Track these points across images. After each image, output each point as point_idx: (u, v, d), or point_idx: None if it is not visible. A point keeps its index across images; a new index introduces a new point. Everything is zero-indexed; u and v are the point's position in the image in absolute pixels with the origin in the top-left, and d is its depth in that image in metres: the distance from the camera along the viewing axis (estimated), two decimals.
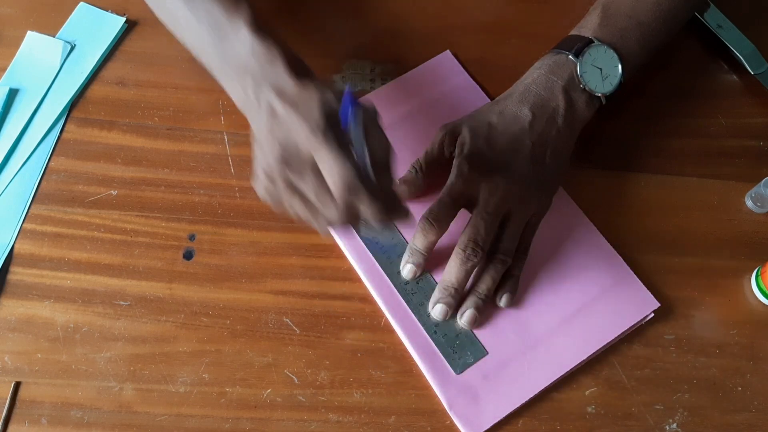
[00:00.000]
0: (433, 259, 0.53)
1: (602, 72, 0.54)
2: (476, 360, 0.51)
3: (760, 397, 0.52)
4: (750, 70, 0.62)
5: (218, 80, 0.49)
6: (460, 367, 0.51)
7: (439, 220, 0.51)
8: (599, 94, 0.54)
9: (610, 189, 0.58)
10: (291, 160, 0.44)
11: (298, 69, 0.46)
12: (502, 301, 0.52)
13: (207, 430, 0.49)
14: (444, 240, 0.52)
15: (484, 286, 0.52)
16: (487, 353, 0.51)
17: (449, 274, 0.51)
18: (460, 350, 0.51)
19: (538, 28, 0.65)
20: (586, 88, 0.54)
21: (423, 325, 0.52)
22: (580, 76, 0.54)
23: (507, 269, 0.52)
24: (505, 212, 0.52)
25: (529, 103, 0.54)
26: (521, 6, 0.66)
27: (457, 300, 0.52)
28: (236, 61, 0.47)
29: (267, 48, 0.46)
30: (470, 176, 0.52)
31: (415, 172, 0.55)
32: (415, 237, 0.52)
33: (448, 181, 0.53)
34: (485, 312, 0.52)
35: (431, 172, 0.55)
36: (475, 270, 0.52)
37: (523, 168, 0.53)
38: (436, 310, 0.52)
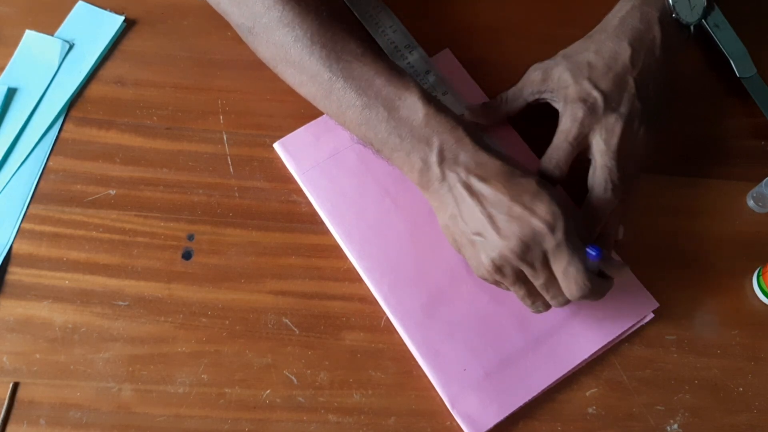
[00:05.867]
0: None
1: (690, 2, 0.56)
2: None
3: (761, 397, 0.52)
4: (737, 73, 0.61)
5: (389, 158, 0.49)
6: None
7: (560, 167, 0.52)
8: (689, 24, 0.56)
9: None
10: (527, 255, 0.45)
11: (484, 144, 0.47)
12: (621, 233, 0.54)
13: (206, 430, 0.49)
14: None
15: (614, 225, 0.52)
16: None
17: (590, 217, 0.51)
18: None
19: (538, 28, 0.64)
20: (679, 19, 0.55)
21: None
22: (672, 5, 0.55)
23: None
24: (626, 152, 0.52)
25: (627, 37, 0.54)
26: (521, 6, 0.66)
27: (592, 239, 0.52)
28: (412, 133, 0.47)
29: (445, 119, 0.47)
30: (585, 120, 0.52)
31: (500, 101, 0.57)
32: None
33: (563, 126, 0.52)
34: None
35: (513, 106, 0.57)
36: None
37: (632, 106, 0.52)
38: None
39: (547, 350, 0.51)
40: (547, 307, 0.49)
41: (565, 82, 0.53)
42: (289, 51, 0.50)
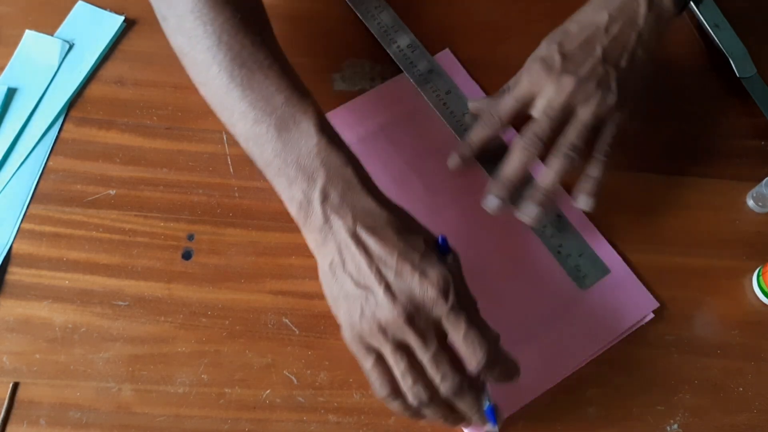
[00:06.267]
0: None
1: None
2: (599, 278, 0.53)
3: (761, 397, 0.52)
4: (737, 73, 0.61)
5: (270, 181, 0.46)
6: (585, 285, 0.53)
7: (499, 116, 0.53)
8: None
9: (609, 188, 0.58)
10: (416, 319, 0.41)
11: (373, 189, 0.44)
12: (580, 203, 0.53)
13: (206, 430, 0.49)
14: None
15: (544, 179, 0.52)
16: (610, 271, 0.54)
17: (506, 166, 0.51)
18: (584, 269, 0.54)
19: (538, 27, 0.64)
20: None
21: (546, 245, 0.54)
22: None
23: (588, 169, 0.53)
24: (571, 111, 0.52)
25: (608, 7, 0.53)
26: (521, 6, 0.66)
27: (510, 193, 0.51)
28: (298, 161, 0.44)
29: (336, 154, 0.44)
30: (537, 78, 0.52)
31: (505, 91, 0.56)
32: (473, 129, 0.55)
33: (516, 79, 0.53)
34: (551, 208, 0.54)
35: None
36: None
37: (592, 69, 0.52)
38: (488, 202, 0.52)
39: (547, 350, 0.51)
40: (428, 395, 0.42)
41: (539, 49, 0.54)
42: (195, 47, 0.47)
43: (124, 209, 0.55)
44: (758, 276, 0.55)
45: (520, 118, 0.58)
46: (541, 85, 0.52)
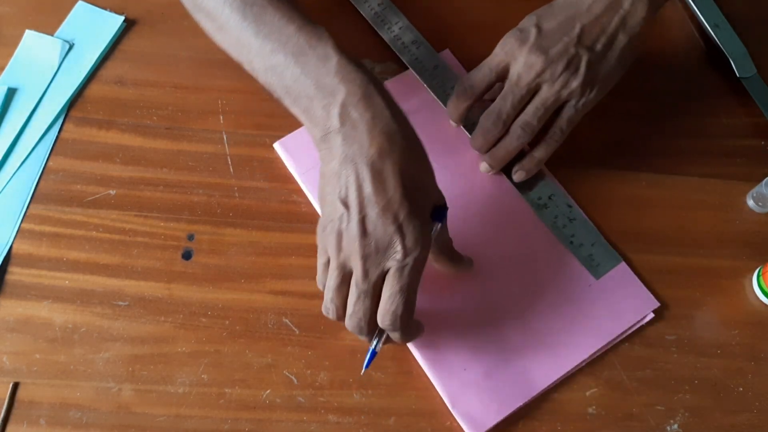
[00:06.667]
0: None
1: None
2: (611, 267, 0.54)
3: (761, 397, 0.52)
4: (737, 73, 0.61)
5: (290, 107, 0.47)
6: (599, 274, 0.54)
7: (472, 86, 0.54)
8: None
9: (610, 188, 0.58)
10: (370, 259, 0.44)
11: (395, 110, 0.45)
12: (515, 176, 0.56)
13: (206, 430, 0.49)
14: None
15: (495, 152, 0.55)
16: (622, 260, 0.54)
17: (473, 140, 0.55)
18: (597, 257, 0.54)
19: None
20: None
21: (558, 236, 0.55)
22: None
23: (534, 149, 0.55)
24: (536, 89, 0.52)
25: None
26: (521, 6, 0.65)
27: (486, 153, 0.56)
28: (317, 82, 0.44)
29: (355, 71, 0.44)
30: (511, 48, 0.53)
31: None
32: (449, 101, 0.56)
33: (493, 52, 0.54)
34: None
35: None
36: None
37: (565, 49, 0.52)
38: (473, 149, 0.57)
39: (547, 350, 0.51)
40: (338, 315, 0.47)
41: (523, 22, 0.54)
42: None
43: (124, 209, 0.55)
44: (758, 276, 0.55)
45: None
46: (513, 56, 0.52)
